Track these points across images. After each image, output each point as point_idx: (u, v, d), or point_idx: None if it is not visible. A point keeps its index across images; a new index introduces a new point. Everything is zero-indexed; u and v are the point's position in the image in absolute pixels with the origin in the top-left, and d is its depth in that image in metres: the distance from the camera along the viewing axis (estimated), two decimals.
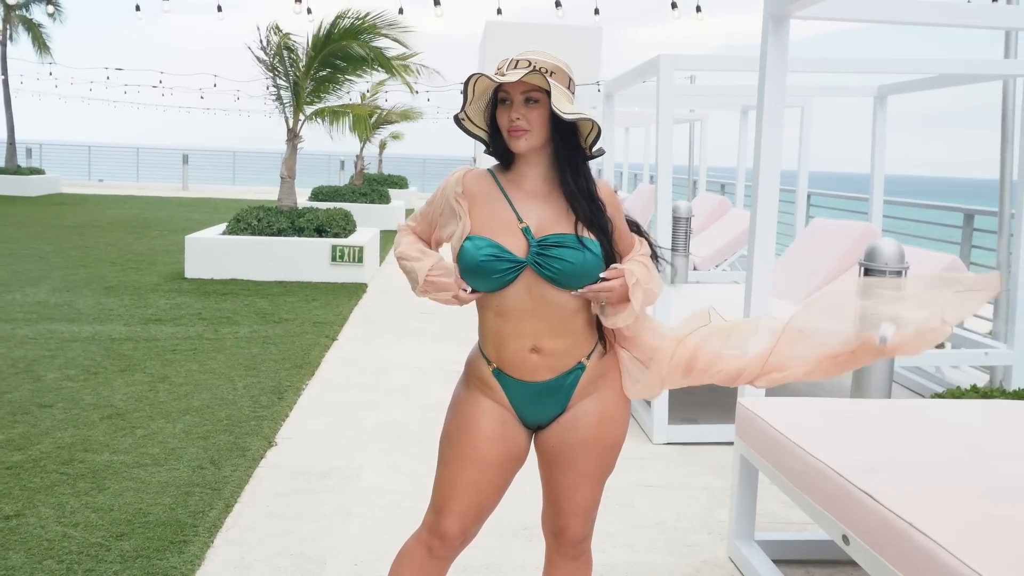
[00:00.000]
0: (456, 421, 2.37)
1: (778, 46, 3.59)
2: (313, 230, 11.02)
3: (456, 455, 2.34)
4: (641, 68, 6.04)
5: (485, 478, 2.33)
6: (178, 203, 23.74)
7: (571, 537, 2.43)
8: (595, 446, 2.34)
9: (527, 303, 2.21)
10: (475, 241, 2.20)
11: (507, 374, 2.29)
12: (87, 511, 3.82)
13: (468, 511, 2.33)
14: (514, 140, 2.18)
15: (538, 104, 2.16)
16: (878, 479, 2.62)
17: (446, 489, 2.35)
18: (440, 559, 2.38)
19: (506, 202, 2.25)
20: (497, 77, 2.13)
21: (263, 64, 11.36)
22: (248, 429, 4.98)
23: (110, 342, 6.99)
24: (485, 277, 2.19)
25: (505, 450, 2.33)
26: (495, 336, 2.28)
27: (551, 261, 2.17)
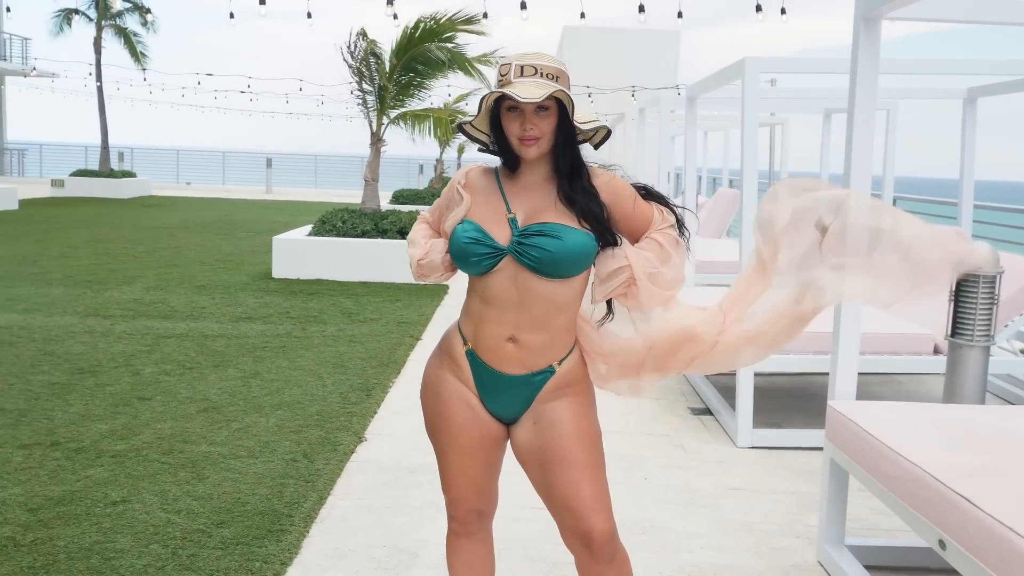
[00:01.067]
0: (432, 409, 2.44)
1: (869, 48, 3.56)
2: (396, 232, 11.20)
3: (440, 446, 2.46)
4: (725, 71, 6.02)
5: (471, 462, 2.42)
6: (263, 205, 24.29)
7: (600, 538, 2.33)
8: (579, 439, 2.33)
9: (512, 293, 2.25)
10: (464, 225, 2.27)
11: (479, 358, 2.33)
12: (188, 499, 3.98)
13: (468, 494, 2.47)
14: (526, 148, 2.22)
15: (548, 112, 2.19)
16: (977, 484, 2.60)
17: (444, 477, 2.49)
18: (467, 536, 2.53)
19: (500, 195, 2.31)
20: (520, 97, 2.11)
21: (351, 69, 11.59)
22: (338, 424, 5.11)
23: (203, 339, 7.23)
24: (466, 261, 2.26)
25: (481, 434, 2.39)
26: (476, 319, 2.32)
27: (529, 249, 2.20)
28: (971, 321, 4.00)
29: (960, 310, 4.05)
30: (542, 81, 2.16)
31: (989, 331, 4.01)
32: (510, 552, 3.64)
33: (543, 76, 2.17)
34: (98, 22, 27.15)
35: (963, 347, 4.00)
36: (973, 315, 4.00)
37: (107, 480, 4.17)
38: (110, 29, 27.57)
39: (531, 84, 2.14)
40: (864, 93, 3.56)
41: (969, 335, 4.00)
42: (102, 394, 5.55)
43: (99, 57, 27.40)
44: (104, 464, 4.37)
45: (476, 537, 2.54)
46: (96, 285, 9.64)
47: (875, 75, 3.55)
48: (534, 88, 2.13)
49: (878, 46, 3.57)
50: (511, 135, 2.23)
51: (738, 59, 5.70)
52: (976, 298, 4.00)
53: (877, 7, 3.50)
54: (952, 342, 4.07)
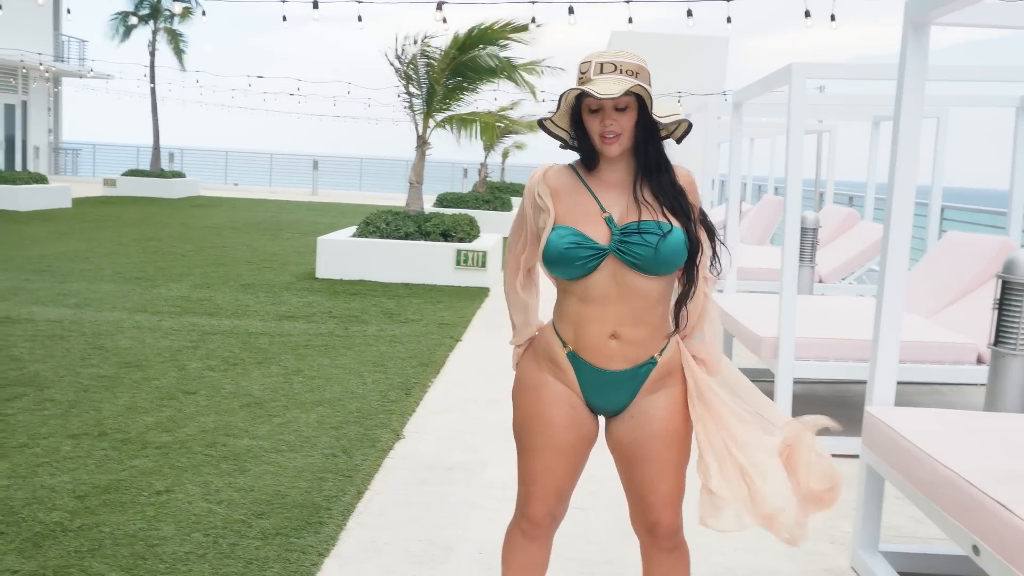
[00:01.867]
0: (529, 408, 2.45)
1: (917, 53, 3.55)
2: (439, 234, 11.28)
3: (534, 444, 2.44)
4: (772, 77, 6.01)
5: (562, 463, 2.44)
6: (308, 207, 24.56)
7: (665, 530, 2.45)
8: (669, 438, 2.39)
9: (612, 289, 2.27)
10: (559, 231, 2.27)
11: (582, 358, 2.35)
12: (230, 490, 4.06)
13: (549, 495, 2.47)
14: (608, 146, 2.24)
15: (628, 108, 2.22)
16: (1012, 489, 2.58)
17: (527, 475, 2.49)
18: (534, 539, 2.53)
19: (589, 194, 2.32)
20: (598, 92, 2.15)
21: (398, 72, 11.71)
22: (377, 422, 5.18)
23: (247, 336, 7.34)
24: (569, 265, 2.26)
25: (578, 435, 2.43)
26: (575, 320, 2.33)
27: (633, 248, 2.23)
28: (1015, 330, 3.96)
29: (1004, 319, 4.01)
30: (621, 77, 2.18)
31: None
32: None
33: (622, 72, 2.19)
34: (154, 25, 27.64)
35: (1006, 356, 3.96)
36: (1017, 324, 3.96)
37: (152, 470, 4.26)
38: (163, 32, 28.06)
39: (610, 81, 2.17)
40: (911, 99, 3.55)
41: (1012, 343, 3.96)
42: (148, 387, 5.67)
43: (153, 60, 27.92)
44: (149, 455, 4.47)
45: (541, 541, 2.55)
46: (145, 282, 9.83)
47: (923, 81, 3.53)
48: (613, 84, 2.15)
49: (927, 51, 3.55)
50: (592, 132, 2.25)
51: (784, 65, 5.69)
52: (1021, 307, 3.96)
53: (926, 12, 3.48)
54: (995, 351, 4.03)
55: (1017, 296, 3.97)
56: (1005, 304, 3.99)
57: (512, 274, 2.55)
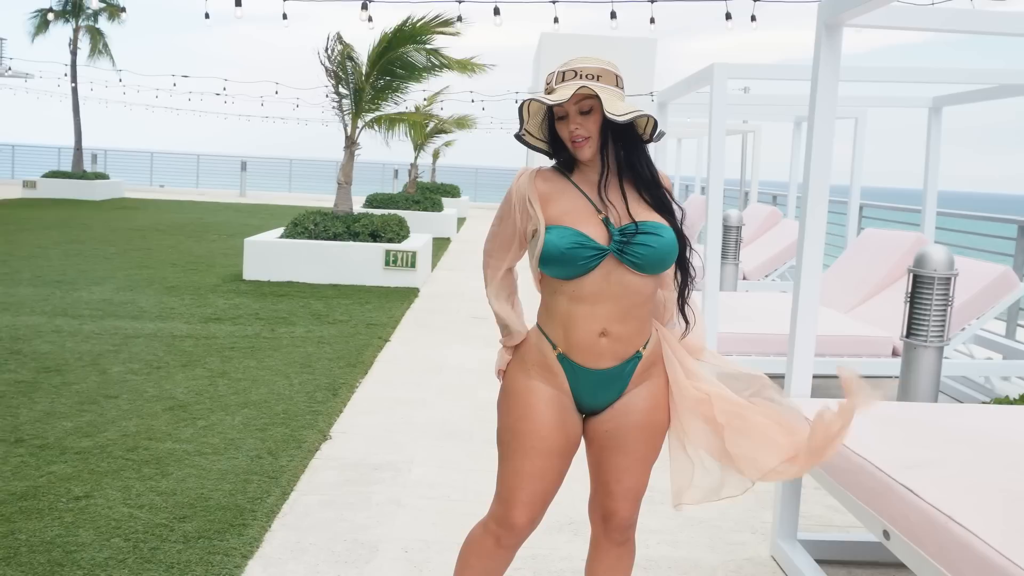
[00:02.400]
0: (517, 411, 2.41)
1: (831, 55, 3.64)
2: (368, 235, 11.22)
3: (521, 445, 2.40)
4: (695, 77, 6.11)
5: (550, 466, 2.40)
6: (236, 208, 24.21)
7: (619, 522, 2.51)
8: (646, 430, 2.42)
9: (604, 288, 2.29)
10: (559, 231, 2.27)
11: (572, 359, 2.36)
12: (152, 494, 3.99)
13: (535, 499, 2.41)
14: (579, 150, 2.28)
15: (592, 111, 2.25)
16: (919, 475, 2.67)
17: (512, 480, 2.41)
18: (507, 548, 2.47)
19: (581, 195, 2.33)
20: (548, 99, 2.21)
21: (327, 72, 11.61)
22: (304, 423, 5.14)
23: (172, 339, 7.22)
24: (569, 265, 2.26)
25: (566, 437, 2.41)
26: (565, 320, 2.33)
27: (635, 248, 2.26)
28: (925, 322, 4.09)
29: (915, 311, 4.14)
30: (580, 82, 2.21)
31: (943, 332, 4.10)
32: None
33: (583, 77, 2.23)
34: (75, 23, 26.97)
35: (917, 347, 4.09)
36: (927, 316, 4.09)
37: (70, 476, 4.17)
38: (85, 30, 27.39)
39: (567, 88, 2.21)
40: (825, 99, 3.64)
41: (923, 336, 4.09)
42: (68, 392, 5.54)
43: (74, 58, 27.22)
44: (68, 460, 4.37)
45: (512, 551, 2.50)
46: (65, 285, 9.60)
47: (836, 81, 3.63)
48: (567, 90, 2.19)
49: (839, 52, 3.65)
50: (564, 139, 2.30)
51: (707, 65, 5.79)
52: (931, 300, 4.09)
53: (839, 14, 3.58)
54: (907, 343, 4.16)
55: (927, 289, 4.10)
56: (916, 297, 4.12)
57: (493, 275, 2.54)
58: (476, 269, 13.36)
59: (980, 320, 5.60)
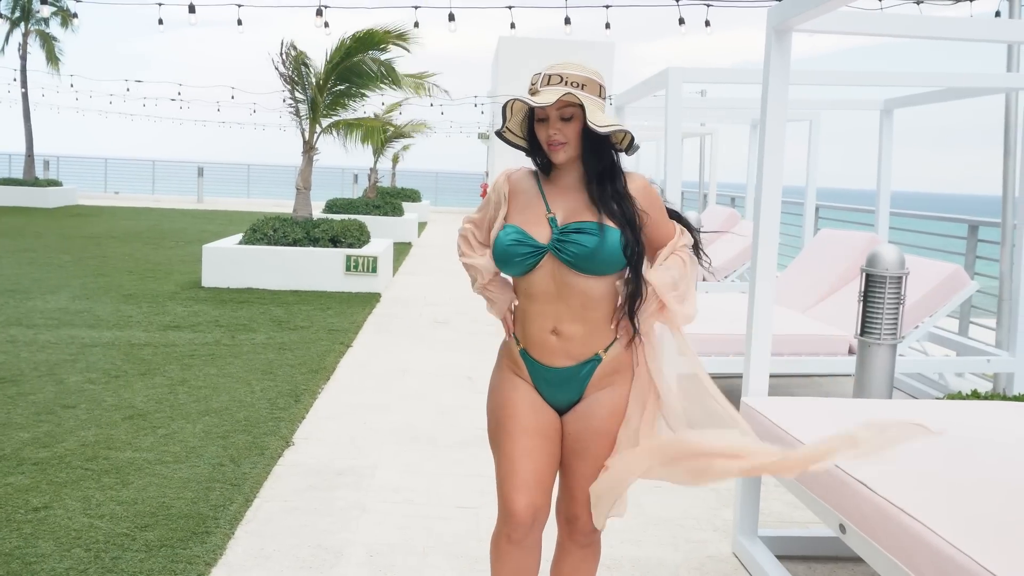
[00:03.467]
0: (498, 401, 2.53)
1: (781, 58, 3.71)
2: (328, 240, 11.18)
3: (505, 430, 2.48)
4: (651, 81, 6.18)
5: (535, 445, 2.45)
6: (193, 215, 23.97)
7: (582, 526, 2.55)
8: (607, 437, 2.46)
9: (551, 287, 2.37)
10: (506, 229, 2.40)
11: (531, 355, 2.46)
12: (112, 504, 3.95)
13: (529, 481, 2.43)
14: (554, 153, 2.36)
15: (573, 119, 2.32)
16: (872, 470, 2.73)
17: (505, 467, 2.48)
18: (519, 543, 2.48)
19: (540, 196, 2.44)
20: (532, 100, 2.27)
21: (283, 78, 11.56)
22: (266, 429, 5.12)
23: (130, 347, 7.15)
24: (510, 261, 2.38)
25: (547, 419, 2.49)
26: (522, 317, 2.46)
27: (568, 246, 2.33)
28: (878, 320, 4.18)
29: (868, 310, 4.22)
30: (564, 88, 2.27)
31: (895, 330, 4.19)
32: (434, 550, 3.70)
33: (567, 84, 2.29)
34: (25, 27, 26.55)
35: (871, 345, 4.18)
36: (880, 314, 4.17)
37: (28, 487, 4.12)
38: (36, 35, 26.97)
39: (551, 92, 2.27)
40: (776, 102, 3.70)
41: (876, 333, 4.17)
42: (24, 403, 5.46)
43: (24, 63, 26.79)
44: (25, 471, 4.32)
45: (526, 543, 2.50)
46: (19, 295, 9.45)
47: (786, 84, 3.69)
48: (551, 95, 2.25)
49: (789, 56, 3.72)
50: (541, 141, 2.37)
51: (661, 69, 5.85)
52: (883, 298, 4.18)
53: (788, 19, 3.64)
54: (861, 340, 4.24)
55: (879, 288, 4.19)
56: (869, 296, 4.21)
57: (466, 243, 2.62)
58: (438, 273, 13.37)
59: (933, 318, 5.72)
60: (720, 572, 3.62)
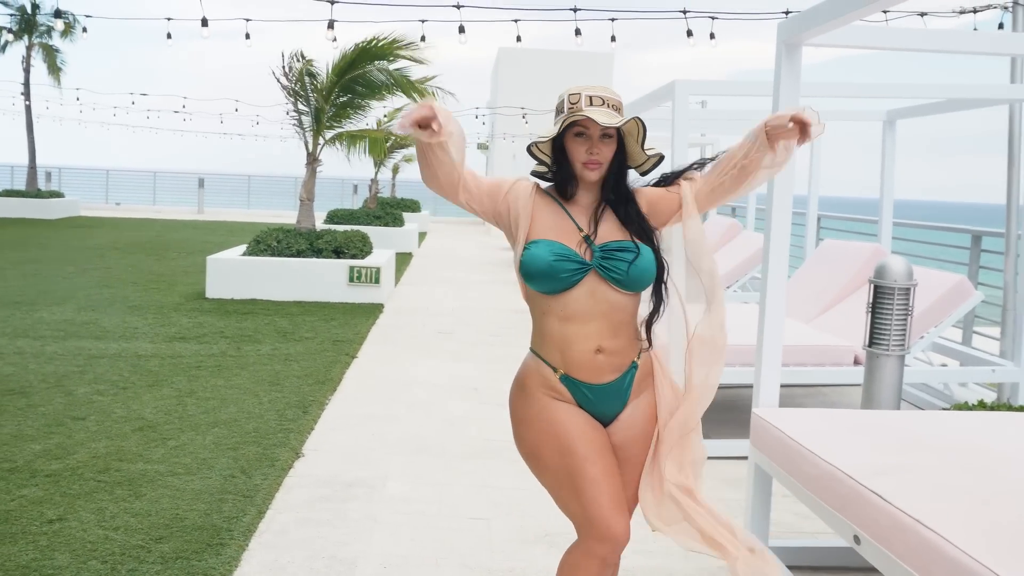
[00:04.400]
0: (548, 431, 2.46)
1: (791, 72, 3.75)
2: (331, 251, 11.22)
3: (578, 455, 2.43)
4: (656, 93, 6.22)
5: (612, 463, 2.47)
6: (194, 226, 24.02)
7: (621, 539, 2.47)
8: (648, 441, 2.54)
9: (591, 306, 2.40)
10: (542, 244, 2.38)
11: (574, 378, 2.45)
12: (126, 516, 3.97)
13: (619, 502, 2.45)
14: (589, 172, 2.40)
15: (611, 139, 2.40)
16: (887, 481, 2.76)
17: (588, 495, 2.41)
18: (613, 566, 2.52)
19: (566, 214, 2.46)
20: (603, 121, 2.29)
21: (286, 90, 11.61)
22: (275, 441, 5.14)
23: (136, 359, 7.17)
24: (553, 278, 2.36)
25: (603, 438, 2.50)
26: (560, 341, 2.43)
27: (616, 264, 2.38)
28: (887, 331, 4.20)
29: (876, 321, 4.25)
30: (610, 111, 2.36)
31: (904, 341, 4.21)
32: (447, 561, 3.72)
33: (609, 107, 2.37)
34: (28, 40, 26.62)
35: (879, 356, 4.20)
36: (888, 326, 4.20)
37: (42, 499, 4.14)
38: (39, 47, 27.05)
39: (603, 113, 2.34)
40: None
41: (885, 344, 4.20)
42: (34, 415, 5.49)
43: (28, 76, 26.86)
44: (39, 483, 4.34)
45: (616, 566, 2.53)
46: (25, 306, 9.48)
47: (797, 97, 3.73)
48: (608, 117, 2.33)
49: (799, 70, 3.76)
50: (576, 159, 2.40)
51: (668, 82, 5.90)
52: (892, 309, 4.21)
53: (799, 33, 3.68)
54: (869, 352, 4.27)
55: (887, 299, 4.21)
56: (877, 307, 4.23)
57: None
58: (440, 284, 13.40)
59: (938, 328, 5.74)
60: None
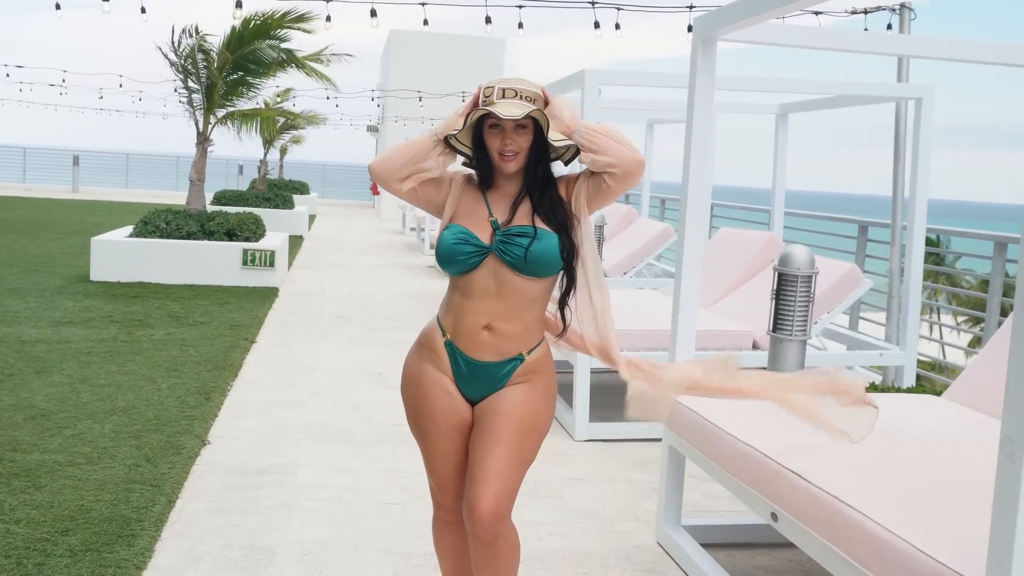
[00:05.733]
0: (414, 399, 2.64)
1: (706, 66, 3.85)
2: (223, 234, 10.94)
3: (425, 434, 2.64)
4: (566, 81, 6.28)
5: (452, 446, 2.62)
6: (70, 205, 23.05)
7: (480, 513, 2.44)
8: (511, 418, 2.51)
9: (491, 285, 2.50)
10: (451, 229, 2.51)
11: (456, 347, 2.56)
12: (27, 508, 3.82)
13: (450, 478, 2.65)
14: (505, 163, 2.48)
15: (525, 130, 2.46)
16: (803, 460, 2.88)
17: (429, 467, 2.68)
18: (453, 524, 2.71)
19: (483, 201, 2.56)
20: (503, 112, 2.36)
21: (174, 67, 11.24)
22: (179, 428, 5.01)
23: (21, 344, 6.86)
24: (453, 260, 2.48)
25: (458, 418, 2.60)
26: (456, 311, 2.55)
27: (512, 248, 2.46)
28: (790, 317, 4.38)
29: (780, 307, 4.42)
30: (522, 103, 2.42)
31: (806, 326, 4.39)
32: (367, 547, 3.71)
33: (522, 99, 2.43)
34: None
35: (783, 341, 4.37)
36: (792, 312, 4.37)
37: None
38: None
39: (513, 105, 2.40)
40: (702, 107, 3.84)
41: (788, 330, 4.37)
42: None
43: None
44: None
45: (461, 524, 2.67)
46: None
47: (711, 89, 3.84)
48: (516, 108, 2.39)
49: (714, 63, 3.86)
50: (492, 149, 2.48)
51: (578, 70, 5.96)
52: (795, 296, 4.38)
53: (714, 29, 3.78)
54: (774, 336, 4.43)
55: (791, 286, 4.38)
56: (781, 294, 4.40)
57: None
58: (333, 268, 13.23)
59: (831, 314, 5.99)
60: (646, 561, 3.74)
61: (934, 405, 3.76)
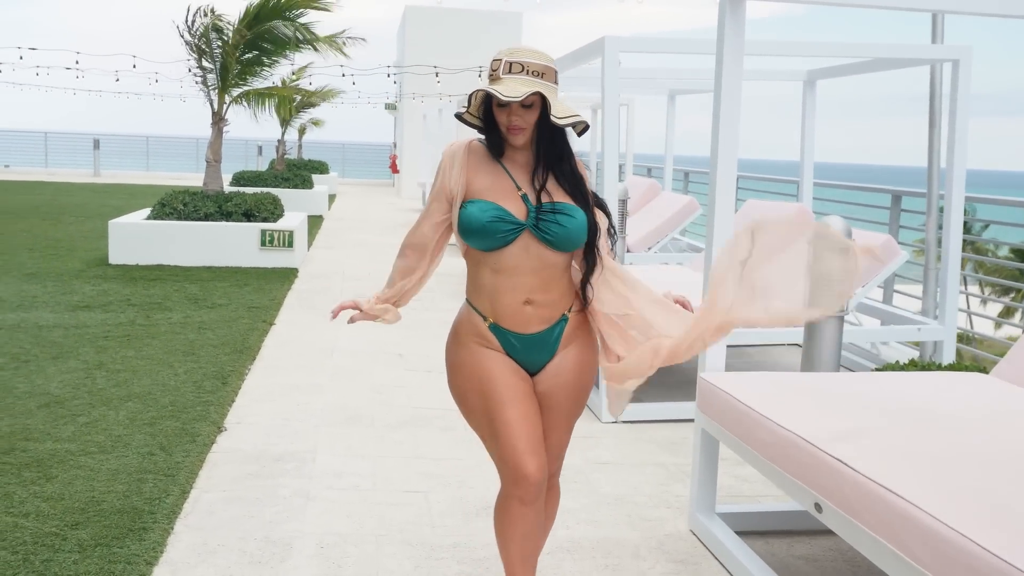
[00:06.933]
0: (475, 377, 2.58)
1: (735, 28, 3.64)
2: (241, 215, 10.81)
3: (498, 400, 2.54)
4: (584, 50, 6.05)
5: (531, 408, 2.57)
6: (91, 189, 23.05)
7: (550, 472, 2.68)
8: (574, 390, 2.65)
9: (524, 261, 2.49)
10: (479, 204, 2.47)
11: (502, 327, 2.56)
12: (36, 500, 3.70)
13: (535, 444, 2.54)
14: (513, 137, 2.46)
15: (533, 106, 2.43)
16: (848, 447, 2.69)
17: (506, 433, 2.52)
18: (531, 503, 2.55)
19: (506, 174, 2.52)
20: (501, 95, 2.33)
21: (189, 46, 11.09)
22: (195, 415, 4.88)
23: (37, 329, 6.77)
24: (489, 237, 2.45)
25: (528, 384, 2.61)
26: (491, 291, 2.54)
27: (550, 226, 2.46)
28: None
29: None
30: (527, 78, 2.39)
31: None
32: (388, 538, 3.56)
33: (529, 73, 2.39)
34: None
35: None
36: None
37: None
38: None
39: (517, 81, 2.38)
40: (731, 72, 3.64)
41: None
42: None
43: None
44: None
45: (538, 504, 2.57)
46: None
47: (741, 53, 3.63)
48: (519, 86, 2.36)
49: (743, 25, 3.65)
50: (501, 124, 2.47)
51: (597, 38, 5.74)
52: None
53: None
54: None
55: None
56: None
57: (401, 268, 2.75)
58: (353, 247, 13.09)
59: (865, 288, 5.79)
60: (680, 551, 3.57)
61: (983, 384, 3.55)
